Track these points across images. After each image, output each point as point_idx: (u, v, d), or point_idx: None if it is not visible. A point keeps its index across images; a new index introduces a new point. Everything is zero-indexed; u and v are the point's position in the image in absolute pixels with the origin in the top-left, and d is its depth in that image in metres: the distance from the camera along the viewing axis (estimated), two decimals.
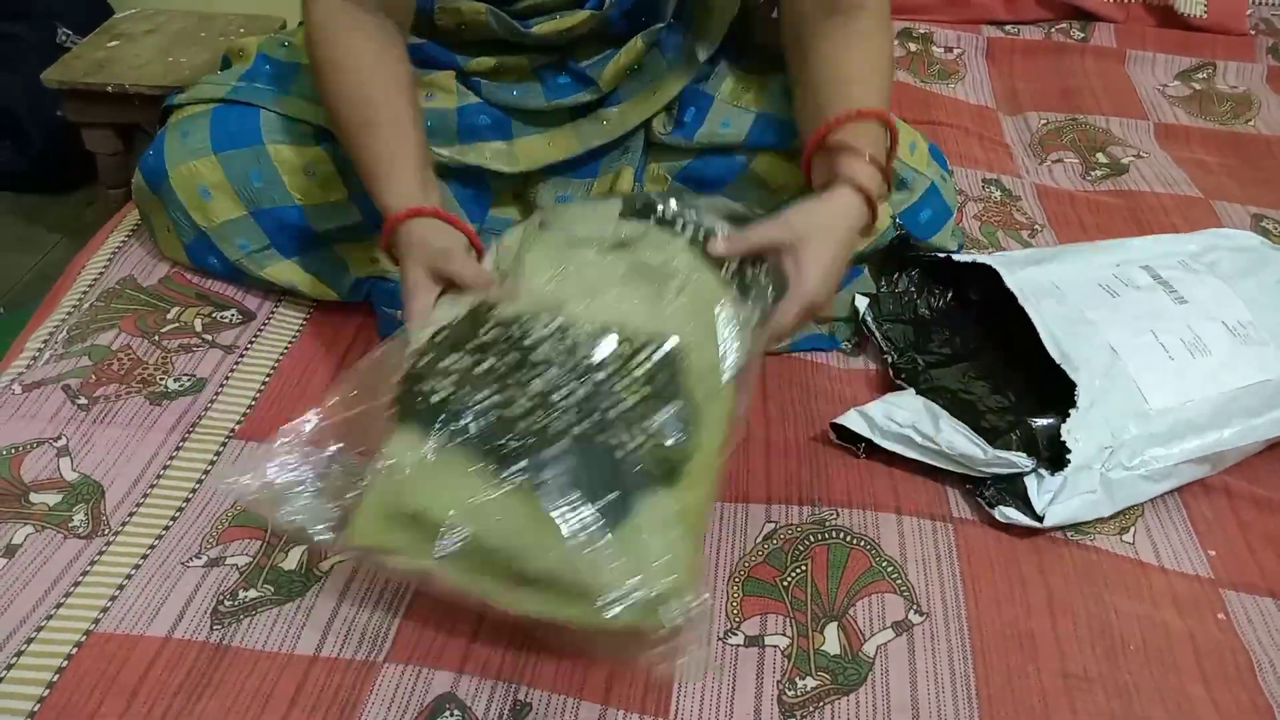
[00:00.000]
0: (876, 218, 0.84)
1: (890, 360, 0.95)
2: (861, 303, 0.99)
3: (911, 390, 0.90)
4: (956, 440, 0.82)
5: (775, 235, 0.79)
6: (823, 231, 0.80)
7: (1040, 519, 0.79)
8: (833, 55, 0.88)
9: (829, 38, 0.90)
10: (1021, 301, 0.90)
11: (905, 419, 0.84)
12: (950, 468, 0.84)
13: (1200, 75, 1.55)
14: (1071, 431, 0.82)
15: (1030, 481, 0.81)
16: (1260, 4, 1.69)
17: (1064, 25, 1.64)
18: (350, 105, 0.86)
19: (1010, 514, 0.80)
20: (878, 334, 0.98)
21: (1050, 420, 0.83)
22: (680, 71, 1.00)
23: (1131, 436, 0.82)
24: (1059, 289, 0.93)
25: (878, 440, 0.85)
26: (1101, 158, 1.33)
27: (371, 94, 0.86)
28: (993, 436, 0.83)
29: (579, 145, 1.00)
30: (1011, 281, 0.93)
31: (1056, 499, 0.80)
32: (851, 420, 0.86)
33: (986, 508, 0.81)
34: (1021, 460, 0.82)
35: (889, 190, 0.88)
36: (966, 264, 0.98)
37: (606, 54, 0.98)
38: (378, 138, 0.84)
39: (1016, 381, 0.91)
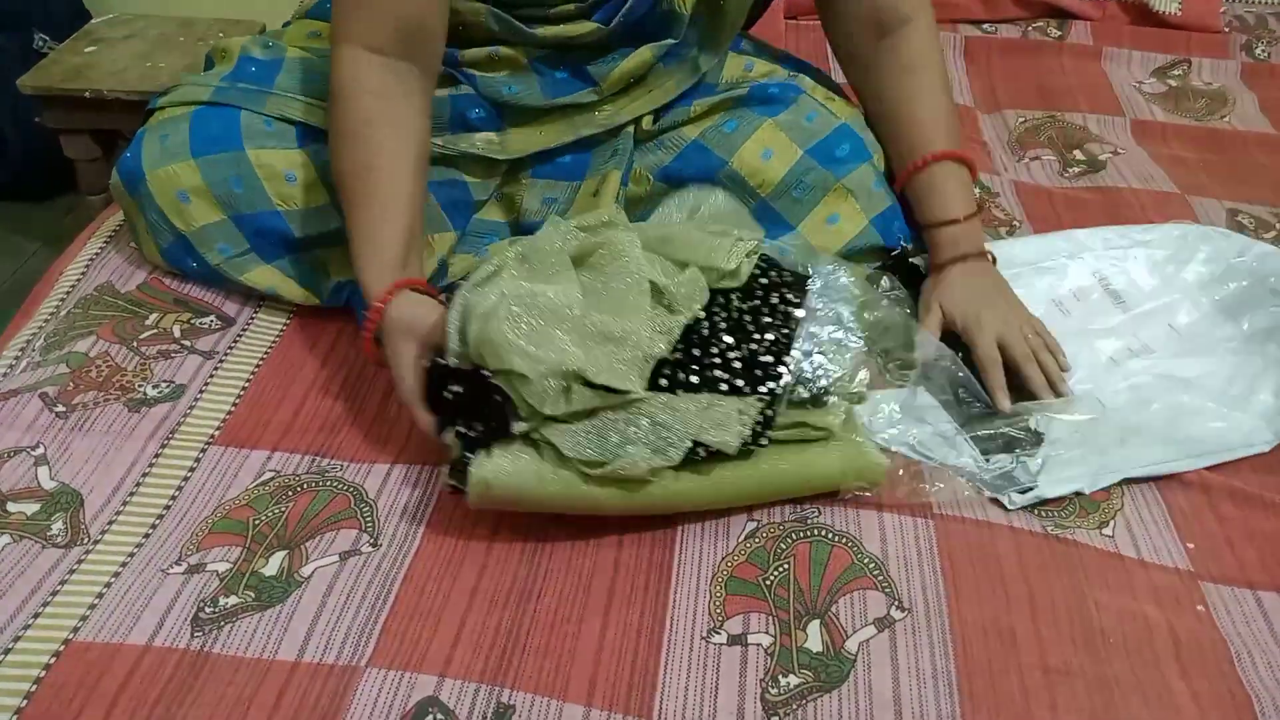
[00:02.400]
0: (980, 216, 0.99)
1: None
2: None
3: (903, 390, 0.91)
4: (964, 463, 0.85)
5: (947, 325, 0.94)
6: (972, 301, 0.94)
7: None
8: (897, 97, 1.01)
9: (888, 73, 1.01)
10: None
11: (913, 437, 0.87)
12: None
13: (1176, 72, 1.56)
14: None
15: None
16: (1234, 1, 1.71)
17: (1041, 24, 1.65)
18: (353, 176, 0.88)
19: (1015, 498, 0.83)
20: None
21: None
22: (682, 77, 1.02)
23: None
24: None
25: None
26: (1079, 155, 1.34)
27: (375, 162, 0.88)
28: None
29: (570, 134, 1.01)
30: None
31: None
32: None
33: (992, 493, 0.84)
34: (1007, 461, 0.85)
35: (978, 210, 1.00)
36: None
37: (611, 57, 0.98)
38: (369, 213, 0.87)
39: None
